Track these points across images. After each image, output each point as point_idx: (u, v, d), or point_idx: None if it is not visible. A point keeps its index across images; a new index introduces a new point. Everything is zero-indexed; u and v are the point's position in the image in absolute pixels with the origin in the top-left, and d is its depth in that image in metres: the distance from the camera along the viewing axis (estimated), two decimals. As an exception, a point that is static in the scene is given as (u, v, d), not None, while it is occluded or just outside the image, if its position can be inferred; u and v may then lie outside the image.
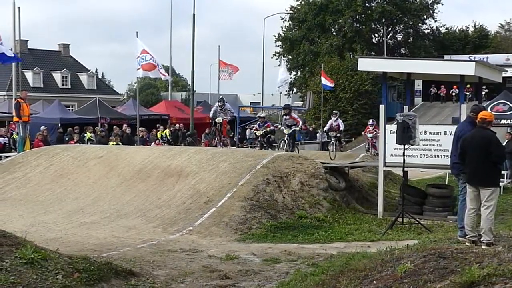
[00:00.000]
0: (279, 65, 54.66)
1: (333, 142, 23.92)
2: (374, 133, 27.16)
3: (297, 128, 20.85)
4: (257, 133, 21.63)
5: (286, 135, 20.47)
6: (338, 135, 24.36)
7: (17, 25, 30.23)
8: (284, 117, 20.94)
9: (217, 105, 21.76)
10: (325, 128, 25.38)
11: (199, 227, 14.48)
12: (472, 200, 9.81)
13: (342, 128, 24.66)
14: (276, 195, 16.17)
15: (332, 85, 43.34)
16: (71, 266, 8.49)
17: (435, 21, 61.20)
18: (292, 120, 20.75)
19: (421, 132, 15.94)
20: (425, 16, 59.83)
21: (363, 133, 30.25)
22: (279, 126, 21.85)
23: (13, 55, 21.93)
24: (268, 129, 21.59)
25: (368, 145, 28.45)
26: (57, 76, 62.24)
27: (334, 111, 26.82)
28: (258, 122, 22.27)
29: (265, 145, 21.34)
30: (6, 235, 8.61)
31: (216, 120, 21.51)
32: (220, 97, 22.90)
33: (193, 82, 39.72)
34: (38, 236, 12.77)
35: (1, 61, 22.52)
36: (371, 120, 30.02)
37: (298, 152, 21.45)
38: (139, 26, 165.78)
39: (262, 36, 78.61)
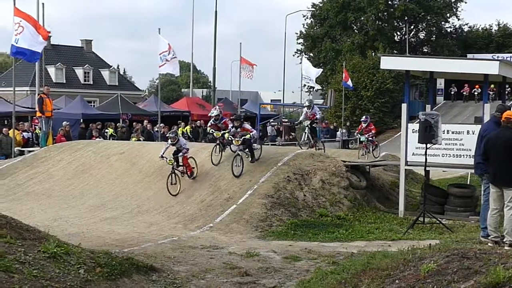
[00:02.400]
0: (301, 63, 54.65)
1: (306, 132, 21.15)
2: (367, 135, 24.73)
3: (248, 137, 17.23)
4: (215, 134, 18.20)
5: (239, 144, 17.27)
6: (313, 124, 21.43)
7: (41, 21, 30.38)
8: (234, 129, 17.58)
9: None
10: (301, 118, 22.30)
11: (220, 224, 14.51)
12: (496, 200, 9.73)
13: (318, 116, 21.54)
14: (297, 192, 16.15)
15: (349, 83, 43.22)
16: (93, 261, 8.55)
17: (458, 19, 60.81)
18: (244, 132, 17.57)
19: (444, 131, 15.80)
20: (448, 14, 59.39)
21: (355, 133, 26.79)
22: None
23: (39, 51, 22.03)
24: (240, 133, 17.72)
25: (364, 149, 24.89)
26: (79, 71, 62.62)
27: (307, 99, 24.49)
28: (212, 119, 18.74)
29: (222, 148, 18.04)
30: (29, 229, 8.69)
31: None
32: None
33: (214, 79, 39.89)
34: (60, 230, 12.88)
35: (28, 58, 22.72)
36: (364, 117, 27.24)
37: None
38: (161, 22, 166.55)
39: (283, 33, 78.51)
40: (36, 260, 7.76)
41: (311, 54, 60.66)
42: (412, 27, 60.62)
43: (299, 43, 61.85)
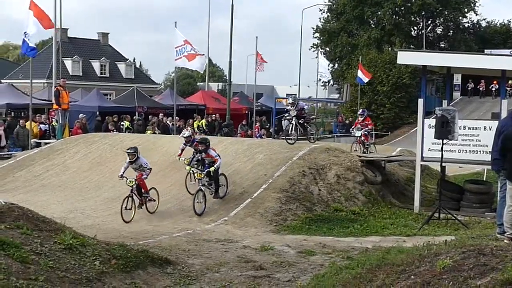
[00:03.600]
0: (317, 57, 54.57)
1: (292, 124, 19.06)
2: (363, 130, 22.03)
3: (213, 169, 15.08)
4: (187, 168, 16.08)
5: (205, 179, 15.33)
6: (301, 120, 19.12)
7: (58, 14, 30.50)
8: (198, 155, 15.72)
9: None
10: (288, 116, 20.16)
11: (234, 218, 14.53)
12: (512, 197, 9.63)
13: (305, 107, 19.27)
14: (312, 187, 16.13)
15: (367, 79, 43.04)
16: (109, 253, 8.59)
17: (476, 14, 60.28)
18: (209, 159, 15.42)
19: (460, 127, 15.72)
20: (466, 9, 58.89)
21: (351, 128, 23.70)
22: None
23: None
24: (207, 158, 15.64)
25: (356, 145, 22.10)
26: (95, 64, 62.83)
27: (290, 96, 21.47)
28: (183, 143, 16.97)
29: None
30: (45, 221, 8.74)
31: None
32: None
33: (230, 73, 39.77)
34: (76, 222, 12.96)
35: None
36: (360, 110, 25.13)
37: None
38: (178, 16, 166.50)
39: (300, 27, 78.24)
40: (52, 251, 7.80)
41: (327, 49, 60.46)
42: (429, 22, 60.23)
43: (315, 38, 61.65)
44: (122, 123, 29.98)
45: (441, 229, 14.07)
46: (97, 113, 33.84)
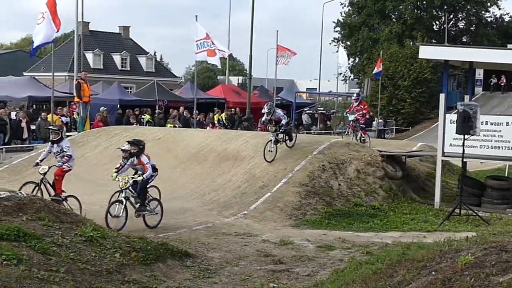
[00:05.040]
0: (337, 51, 54.31)
1: (271, 139, 16.89)
2: (356, 115, 20.93)
3: (139, 179, 12.74)
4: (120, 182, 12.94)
5: (126, 192, 12.74)
6: (281, 130, 17.03)
7: (80, 7, 30.71)
8: (130, 160, 13.24)
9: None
10: (262, 119, 18.22)
11: (254, 212, 14.53)
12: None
13: (284, 121, 17.10)
14: (332, 182, 16.09)
15: (378, 70, 42.67)
16: (129, 245, 8.65)
17: (499, 8, 59.62)
18: (141, 167, 13.13)
19: (482, 122, 15.58)
20: (488, 4, 58.30)
21: (345, 112, 22.15)
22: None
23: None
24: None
25: (349, 130, 21.59)
26: (116, 58, 63.12)
27: (266, 104, 18.58)
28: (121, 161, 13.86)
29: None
30: (66, 213, 8.82)
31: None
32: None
33: (250, 67, 39.74)
34: (96, 214, 13.02)
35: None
36: (355, 94, 23.53)
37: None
38: (198, 9, 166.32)
39: (320, 21, 78.01)
40: (73, 243, 7.87)
41: (348, 43, 60.18)
42: (451, 16, 59.69)
43: (336, 32, 61.40)
44: (143, 116, 30.10)
45: (462, 225, 13.98)
46: (118, 106, 34.04)
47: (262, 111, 17.35)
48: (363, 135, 21.17)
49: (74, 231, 8.23)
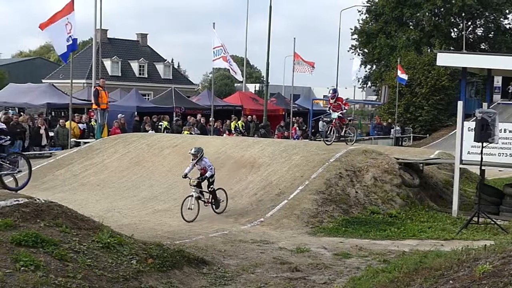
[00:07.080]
0: (353, 59, 54.29)
1: (192, 195, 14.82)
2: (339, 112, 19.75)
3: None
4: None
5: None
6: (209, 189, 15.18)
7: (98, 15, 30.95)
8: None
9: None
10: (186, 170, 15.31)
11: (270, 219, 14.51)
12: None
13: (209, 174, 14.99)
14: (349, 189, 16.04)
15: (405, 76, 42.63)
16: (145, 252, 8.66)
17: (518, 16, 59.28)
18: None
19: (501, 130, 15.46)
20: (507, 11, 57.96)
21: (327, 109, 20.55)
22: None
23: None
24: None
25: (330, 129, 19.91)
26: (134, 65, 63.52)
27: (193, 148, 15.67)
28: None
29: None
30: (84, 219, 8.85)
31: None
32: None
33: (267, 74, 39.85)
34: (114, 221, 13.09)
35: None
36: (331, 90, 21.11)
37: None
38: (216, 16, 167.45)
39: (338, 29, 77.99)
40: (90, 250, 7.90)
41: (366, 50, 60.08)
42: (469, 23, 59.40)
43: (354, 39, 61.33)
44: (160, 123, 30.23)
45: (479, 234, 13.86)
46: (135, 113, 34.21)
47: (189, 152, 15.55)
48: (349, 132, 20.19)
49: (91, 237, 8.26)
